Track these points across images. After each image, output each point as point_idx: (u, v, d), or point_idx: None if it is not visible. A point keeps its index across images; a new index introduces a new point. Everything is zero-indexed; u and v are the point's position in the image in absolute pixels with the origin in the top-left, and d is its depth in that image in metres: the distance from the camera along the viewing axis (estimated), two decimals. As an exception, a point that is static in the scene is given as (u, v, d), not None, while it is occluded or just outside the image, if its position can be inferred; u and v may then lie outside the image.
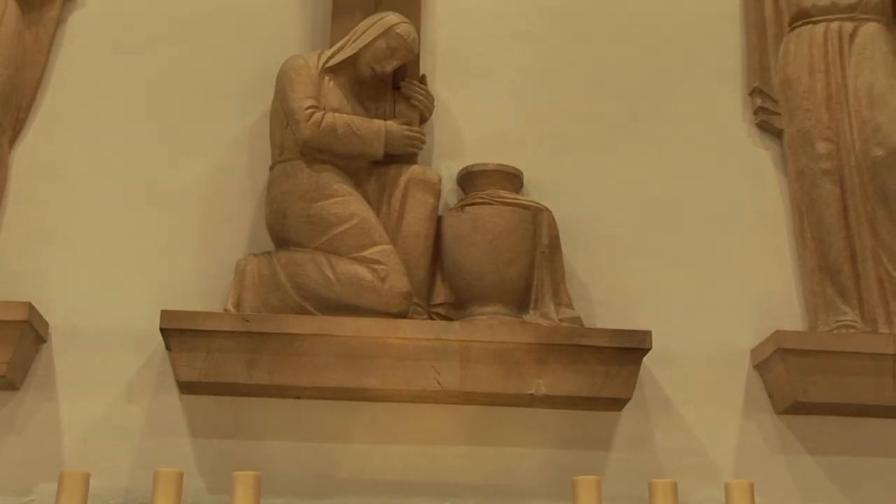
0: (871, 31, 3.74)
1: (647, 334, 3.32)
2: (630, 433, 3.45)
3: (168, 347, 3.28)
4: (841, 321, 3.49)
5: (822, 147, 3.65)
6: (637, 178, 3.74)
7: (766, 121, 3.82)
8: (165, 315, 3.21)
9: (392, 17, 3.55)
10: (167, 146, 3.62)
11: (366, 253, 3.34)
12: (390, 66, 3.56)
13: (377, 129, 3.47)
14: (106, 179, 3.57)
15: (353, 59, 3.53)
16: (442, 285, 3.50)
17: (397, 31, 3.53)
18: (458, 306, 3.46)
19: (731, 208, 3.73)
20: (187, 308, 3.34)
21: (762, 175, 3.79)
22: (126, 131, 3.63)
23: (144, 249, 3.50)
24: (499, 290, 3.40)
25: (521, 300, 3.44)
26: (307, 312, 3.30)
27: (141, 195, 3.56)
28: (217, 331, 3.21)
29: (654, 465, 3.41)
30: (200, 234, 3.55)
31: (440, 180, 3.56)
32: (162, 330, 3.22)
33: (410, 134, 3.53)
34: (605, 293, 3.59)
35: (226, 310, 3.32)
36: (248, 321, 3.23)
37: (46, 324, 3.35)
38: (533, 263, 3.46)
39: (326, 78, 3.51)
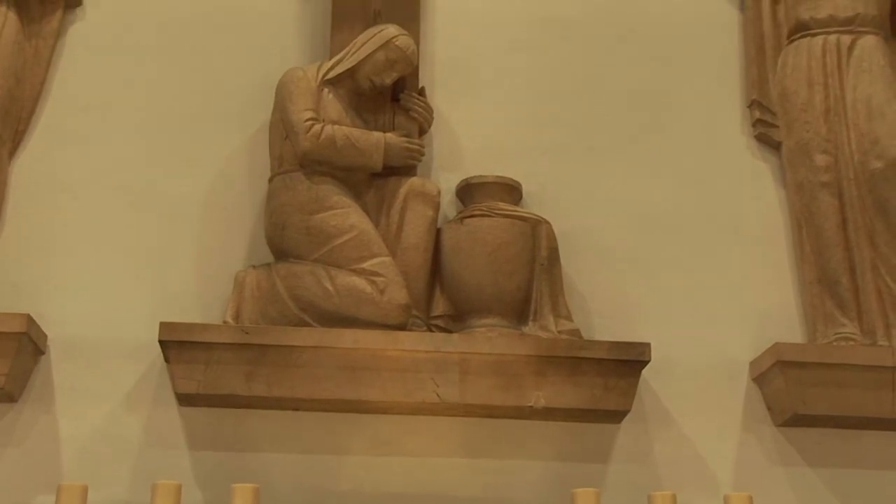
0: (868, 44, 3.75)
1: (646, 346, 3.32)
2: (629, 445, 3.45)
3: (167, 359, 3.27)
4: (840, 333, 3.49)
5: (820, 159, 3.65)
6: (636, 190, 3.74)
7: (765, 133, 3.82)
8: (164, 327, 3.21)
9: (391, 30, 3.55)
10: (166, 158, 3.62)
11: (365, 265, 3.34)
12: (389, 79, 3.56)
13: (376, 142, 3.47)
14: (105, 191, 3.57)
15: (352, 72, 3.53)
16: (441, 297, 3.50)
17: (396, 43, 3.53)
18: (457, 318, 3.46)
19: (730, 221, 3.73)
20: (186, 320, 3.34)
21: (761, 187, 3.79)
22: (125, 143, 3.63)
23: (143, 261, 3.50)
24: (498, 303, 3.39)
25: (520, 312, 3.44)
26: (306, 324, 3.29)
27: (140, 207, 3.56)
28: (216, 343, 3.21)
29: (653, 478, 3.40)
30: (199, 246, 3.55)
31: (439, 192, 3.55)
32: (160, 342, 3.22)
33: (409, 146, 3.52)
34: (604, 305, 3.59)
35: (225, 322, 3.31)
36: (246, 333, 3.22)
37: (45, 336, 3.35)
38: (532, 275, 3.46)
39: (325, 90, 3.51)
